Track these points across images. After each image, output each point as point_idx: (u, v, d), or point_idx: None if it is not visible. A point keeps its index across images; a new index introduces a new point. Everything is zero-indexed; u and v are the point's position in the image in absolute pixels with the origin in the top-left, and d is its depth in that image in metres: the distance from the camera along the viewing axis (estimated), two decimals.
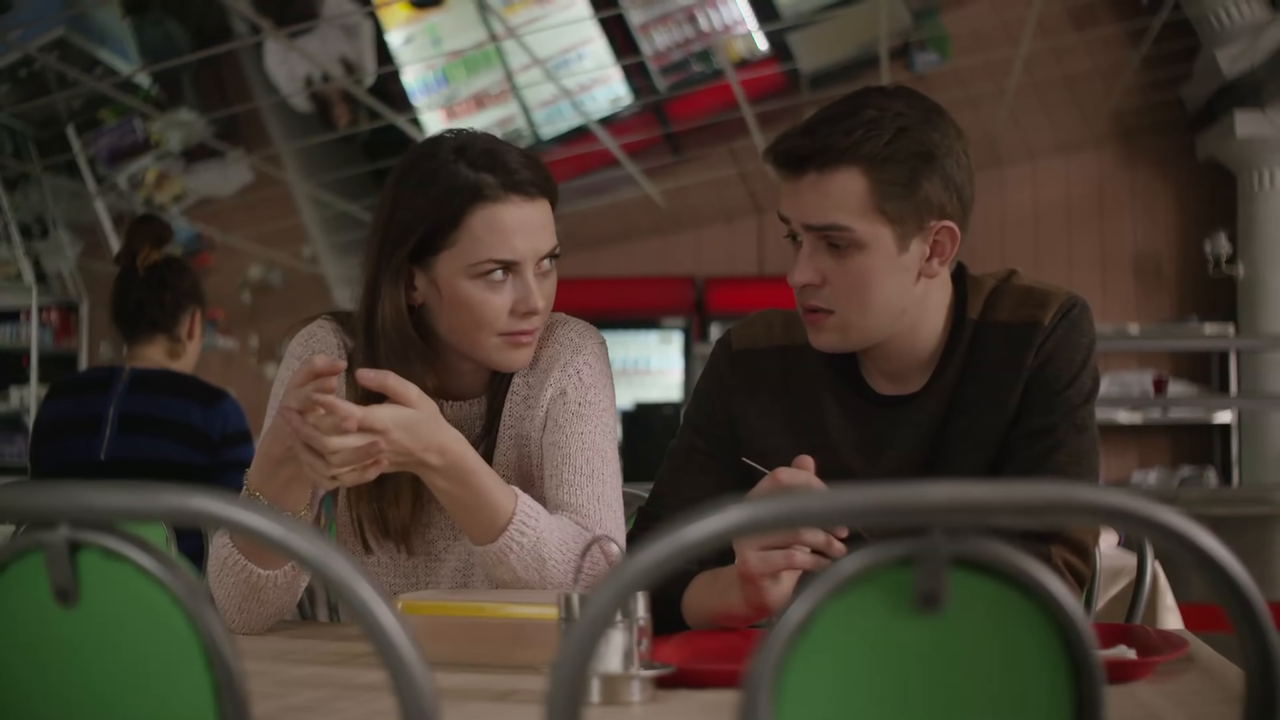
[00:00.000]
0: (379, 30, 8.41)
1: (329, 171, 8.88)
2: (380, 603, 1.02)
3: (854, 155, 1.88)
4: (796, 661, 1.00)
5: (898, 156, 1.88)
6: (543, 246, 2.04)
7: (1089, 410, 1.96)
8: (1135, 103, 9.28)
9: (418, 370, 2.05)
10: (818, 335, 1.99)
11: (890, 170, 1.88)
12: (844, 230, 1.90)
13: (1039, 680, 1.01)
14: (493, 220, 2.01)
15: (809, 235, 1.93)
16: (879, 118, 1.89)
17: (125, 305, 3.71)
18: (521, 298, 2.03)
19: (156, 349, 3.71)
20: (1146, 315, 9.47)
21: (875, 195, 1.88)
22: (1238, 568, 1.01)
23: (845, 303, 1.94)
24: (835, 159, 1.89)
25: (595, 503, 2.06)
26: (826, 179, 1.89)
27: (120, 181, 8.17)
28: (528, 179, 2.03)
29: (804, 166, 1.91)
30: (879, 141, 1.88)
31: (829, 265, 1.93)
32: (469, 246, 2.01)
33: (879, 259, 1.91)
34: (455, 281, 2.03)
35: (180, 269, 3.79)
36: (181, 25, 7.88)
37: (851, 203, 1.89)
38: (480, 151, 2.04)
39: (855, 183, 1.88)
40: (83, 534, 1.08)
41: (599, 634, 1.01)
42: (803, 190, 1.92)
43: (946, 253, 1.97)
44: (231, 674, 1.06)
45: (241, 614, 2.01)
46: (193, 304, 3.74)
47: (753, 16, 8.48)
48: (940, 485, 0.97)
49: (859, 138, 1.88)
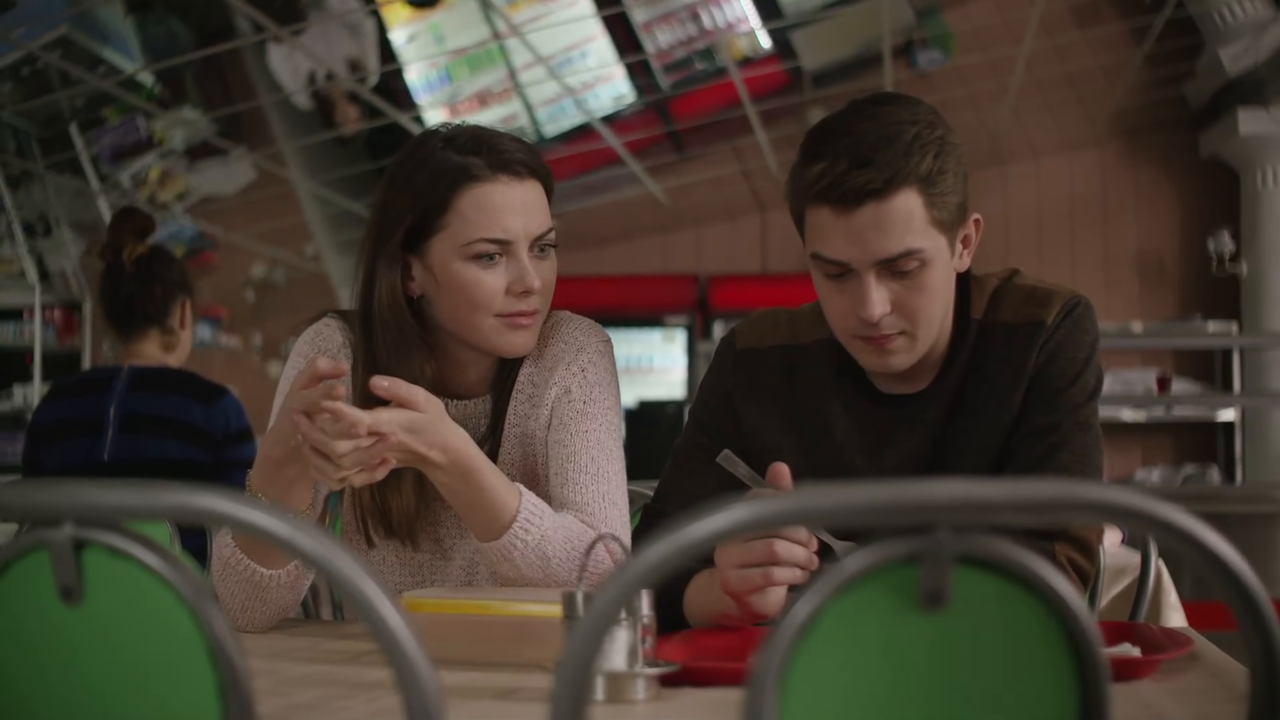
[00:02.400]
0: (382, 28, 8.42)
1: (332, 170, 8.88)
2: (385, 600, 1.02)
3: (914, 177, 1.86)
4: (801, 659, 0.99)
5: (946, 167, 1.89)
6: (535, 227, 2.04)
7: (1093, 408, 1.96)
8: (1138, 100, 9.28)
9: (416, 359, 2.06)
10: (887, 358, 1.95)
11: (941, 183, 1.88)
12: (916, 253, 1.88)
13: (1044, 678, 1.01)
14: (483, 200, 2.01)
15: (875, 267, 1.89)
16: (920, 134, 1.88)
17: (116, 301, 3.70)
18: (516, 278, 2.02)
19: (151, 343, 3.72)
20: (1150, 313, 9.48)
21: (931, 210, 1.88)
22: (1243, 565, 1.01)
23: (914, 322, 1.92)
24: (897, 185, 1.86)
25: (600, 500, 2.06)
26: (886, 206, 1.86)
27: (123, 180, 8.18)
28: (517, 159, 2.03)
29: (864, 199, 1.86)
30: (929, 156, 1.87)
31: (896, 289, 1.90)
32: (460, 228, 2.02)
33: (940, 269, 1.91)
34: (450, 264, 2.03)
35: (167, 259, 3.79)
36: (184, 23, 7.88)
37: (916, 224, 1.87)
38: (469, 138, 2.05)
39: (914, 203, 1.87)
40: (87, 532, 1.07)
41: (603, 632, 1.01)
42: (862, 225, 1.87)
43: (973, 242, 1.99)
44: (236, 672, 1.06)
45: (245, 613, 2.01)
46: (182, 293, 3.73)
47: (756, 14, 8.49)
48: (945, 483, 0.97)
49: (916, 159, 1.86)
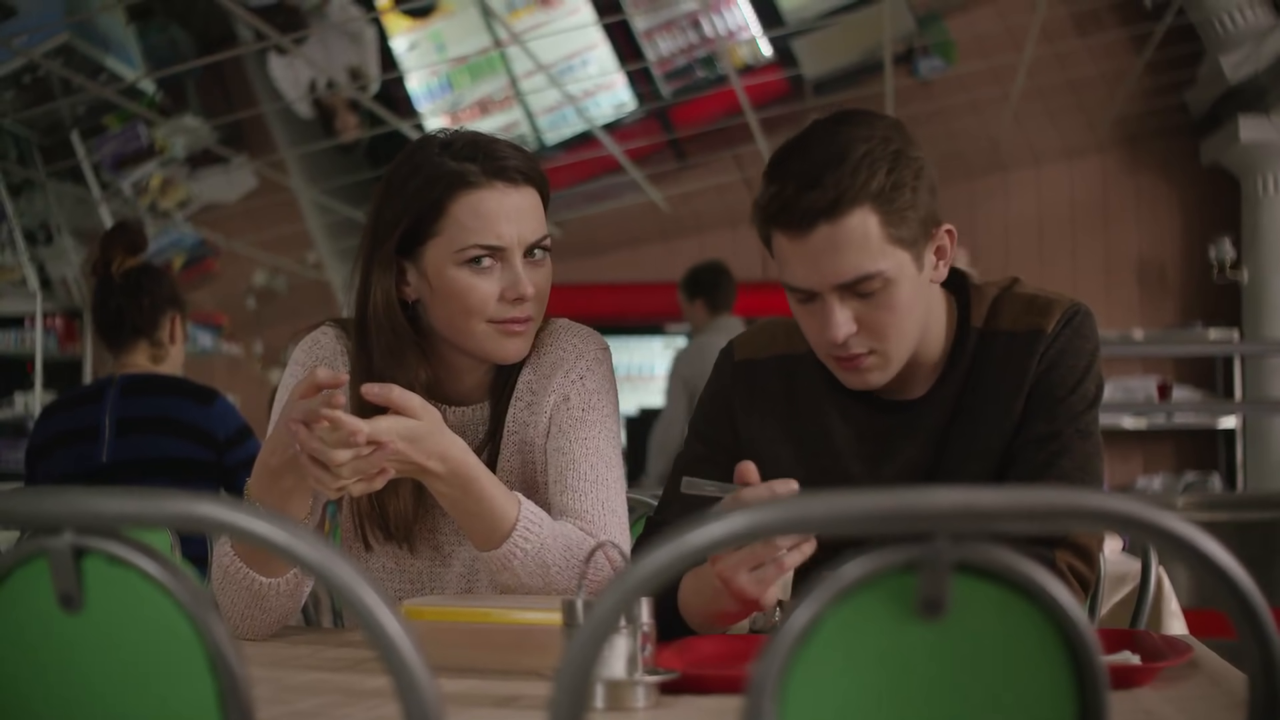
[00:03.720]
0: (383, 36, 8.43)
1: (333, 177, 8.88)
2: (384, 608, 1.02)
3: (864, 195, 1.84)
4: (800, 667, 1.00)
5: (902, 182, 1.86)
6: (529, 233, 2.04)
7: (1093, 416, 1.96)
8: (1139, 108, 9.28)
9: (411, 363, 2.07)
10: (860, 376, 1.94)
11: (897, 199, 1.85)
12: (875, 275, 1.86)
13: (1042, 686, 1.01)
14: (477, 206, 2.01)
15: (836, 291, 1.88)
16: (871, 150, 1.85)
17: (105, 313, 3.73)
18: (510, 284, 2.02)
19: (140, 355, 3.74)
20: (1150, 320, 9.47)
21: (888, 228, 1.85)
22: (1241, 573, 1.01)
23: (884, 339, 1.90)
24: (846, 205, 1.83)
25: (599, 508, 2.06)
26: (839, 228, 1.84)
27: (125, 187, 8.17)
28: (512, 166, 2.03)
29: (814, 221, 1.84)
30: (880, 173, 1.84)
31: (860, 309, 1.89)
32: (454, 234, 2.02)
33: (906, 286, 1.89)
34: (443, 270, 2.03)
35: (157, 275, 3.81)
36: (186, 31, 7.88)
37: (872, 244, 1.85)
38: (465, 143, 2.05)
39: (868, 222, 1.84)
40: (87, 540, 1.08)
41: (603, 640, 1.01)
42: (816, 249, 1.85)
43: (949, 253, 1.97)
44: (235, 679, 1.06)
45: (245, 621, 2.01)
46: (172, 309, 3.75)
47: (757, 22, 8.49)
48: (943, 491, 0.97)
49: (865, 177, 1.84)
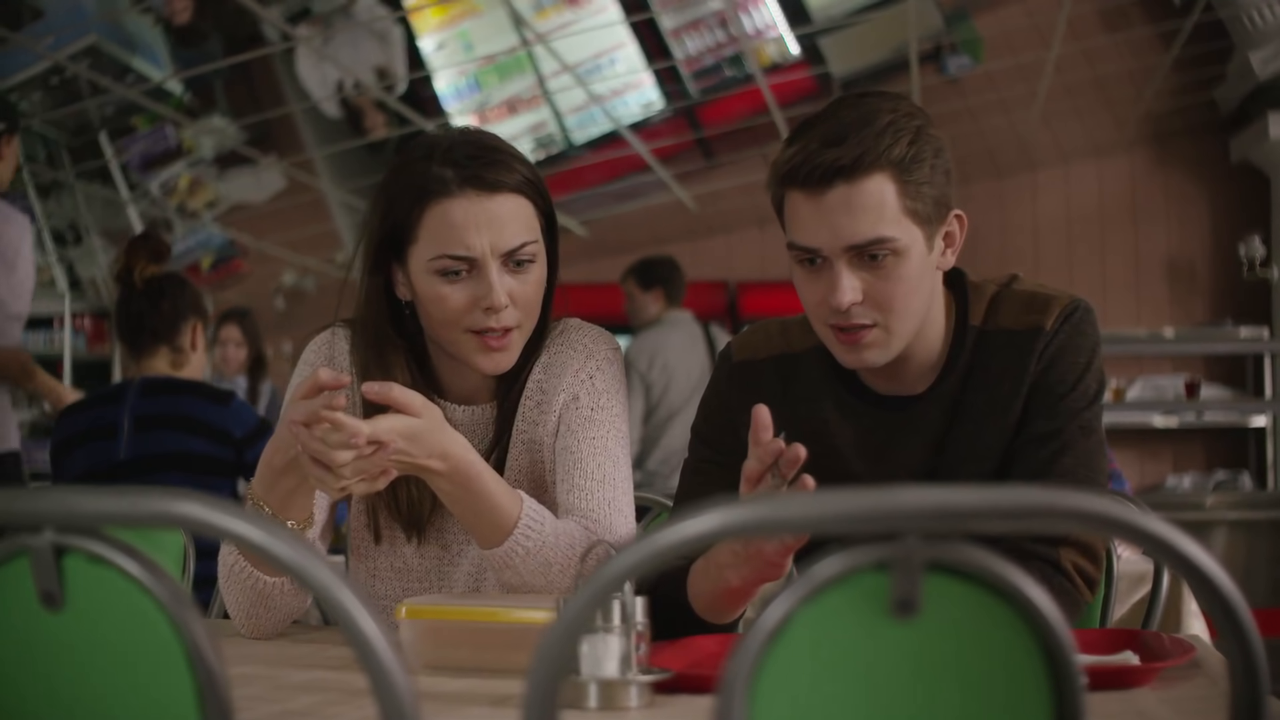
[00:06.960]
0: (411, 36, 8.44)
1: (361, 177, 8.90)
2: (360, 608, 1.02)
3: (885, 161, 1.84)
4: (771, 665, 0.99)
5: (922, 156, 1.87)
6: (505, 242, 2.01)
7: (1095, 413, 1.95)
8: (1168, 105, 9.23)
9: (395, 367, 2.09)
10: (860, 353, 1.93)
11: (916, 171, 1.86)
12: (888, 241, 1.86)
13: (1017, 686, 1.00)
14: (445, 216, 2.01)
15: (846, 254, 1.88)
16: (896, 120, 1.87)
17: (126, 318, 3.79)
18: (483, 294, 2.01)
19: (160, 360, 3.79)
20: (1180, 319, 9.42)
21: (905, 198, 1.86)
22: (1221, 574, 1.00)
23: (887, 313, 1.90)
24: (866, 167, 1.84)
25: (606, 507, 2.06)
26: (857, 189, 1.85)
27: (153, 188, 8.22)
28: (486, 174, 2.01)
29: (832, 180, 1.85)
30: (903, 142, 1.86)
31: (868, 278, 1.88)
32: (427, 244, 2.02)
33: (915, 262, 1.89)
34: (421, 278, 2.04)
35: (179, 283, 3.86)
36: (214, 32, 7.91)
37: (887, 211, 1.85)
38: (448, 147, 2.04)
39: (886, 189, 1.85)
40: (68, 538, 1.08)
41: (575, 637, 1.01)
42: (831, 208, 1.86)
43: (957, 241, 1.96)
44: (214, 676, 1.07)
45: (251, 620, 2.02)
46: (193, 316, 3.80)
47: (784, 21, 8.47)
48: (914, 490, 0.97)
49: (889, 142, 1.85)
